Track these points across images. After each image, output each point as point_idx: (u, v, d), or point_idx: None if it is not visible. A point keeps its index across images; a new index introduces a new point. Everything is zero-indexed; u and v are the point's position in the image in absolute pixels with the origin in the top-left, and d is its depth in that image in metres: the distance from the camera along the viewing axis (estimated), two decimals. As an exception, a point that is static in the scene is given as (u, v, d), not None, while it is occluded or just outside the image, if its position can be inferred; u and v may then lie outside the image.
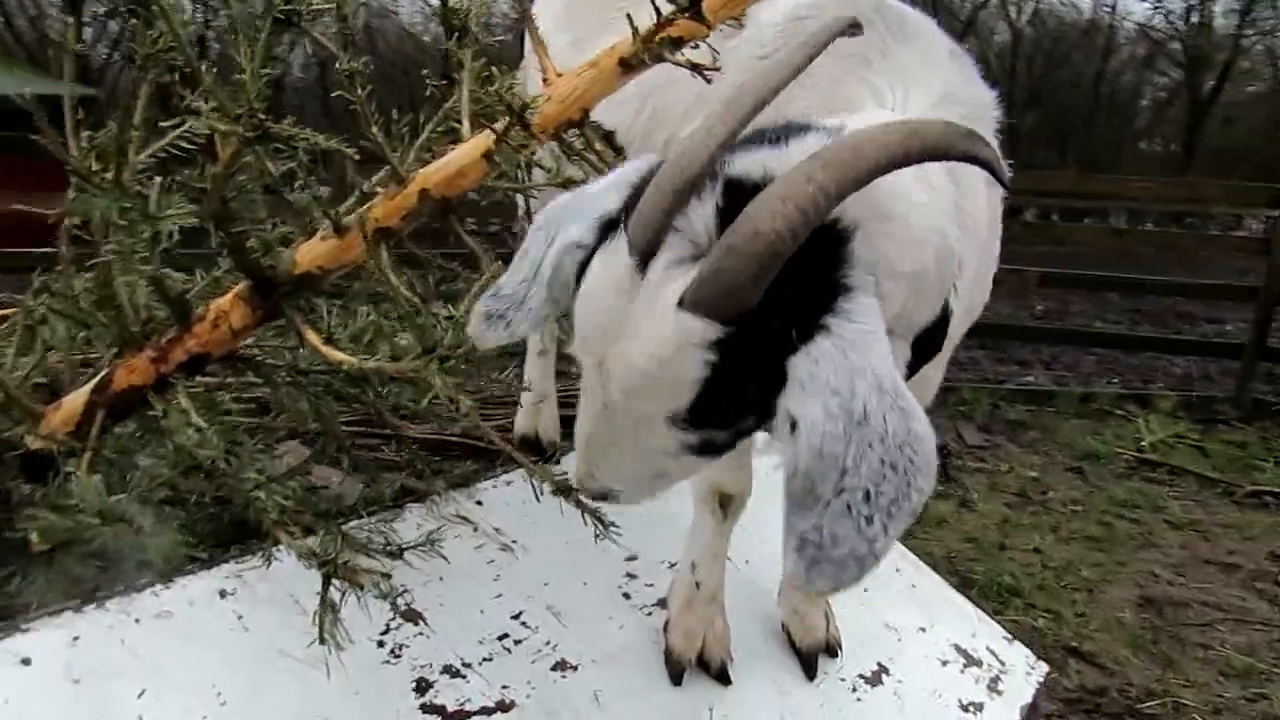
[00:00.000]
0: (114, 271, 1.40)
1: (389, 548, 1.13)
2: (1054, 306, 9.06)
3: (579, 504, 1.16)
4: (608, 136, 1.22)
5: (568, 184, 1.19)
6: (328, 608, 1.00)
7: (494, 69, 1.28)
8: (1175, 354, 7.51)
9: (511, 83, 1.23)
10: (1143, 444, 5.78)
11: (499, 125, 1.10)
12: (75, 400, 1.36)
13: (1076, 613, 3.70)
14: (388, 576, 1.03)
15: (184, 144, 1.39)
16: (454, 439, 1.62)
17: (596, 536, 1.54)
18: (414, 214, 1.22)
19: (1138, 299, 9.83)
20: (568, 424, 2.07)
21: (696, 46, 1.12)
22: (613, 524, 1.17)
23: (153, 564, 1.07)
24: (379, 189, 1.25)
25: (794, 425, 0.82)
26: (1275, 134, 17.31)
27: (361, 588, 1.00)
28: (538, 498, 1.31)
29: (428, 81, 1.34)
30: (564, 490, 1.17)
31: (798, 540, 0.82)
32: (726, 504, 1.39)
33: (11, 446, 1.36)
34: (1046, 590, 3.88)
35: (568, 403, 2.05)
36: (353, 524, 1.29)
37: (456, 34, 1.28)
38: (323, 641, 0.98)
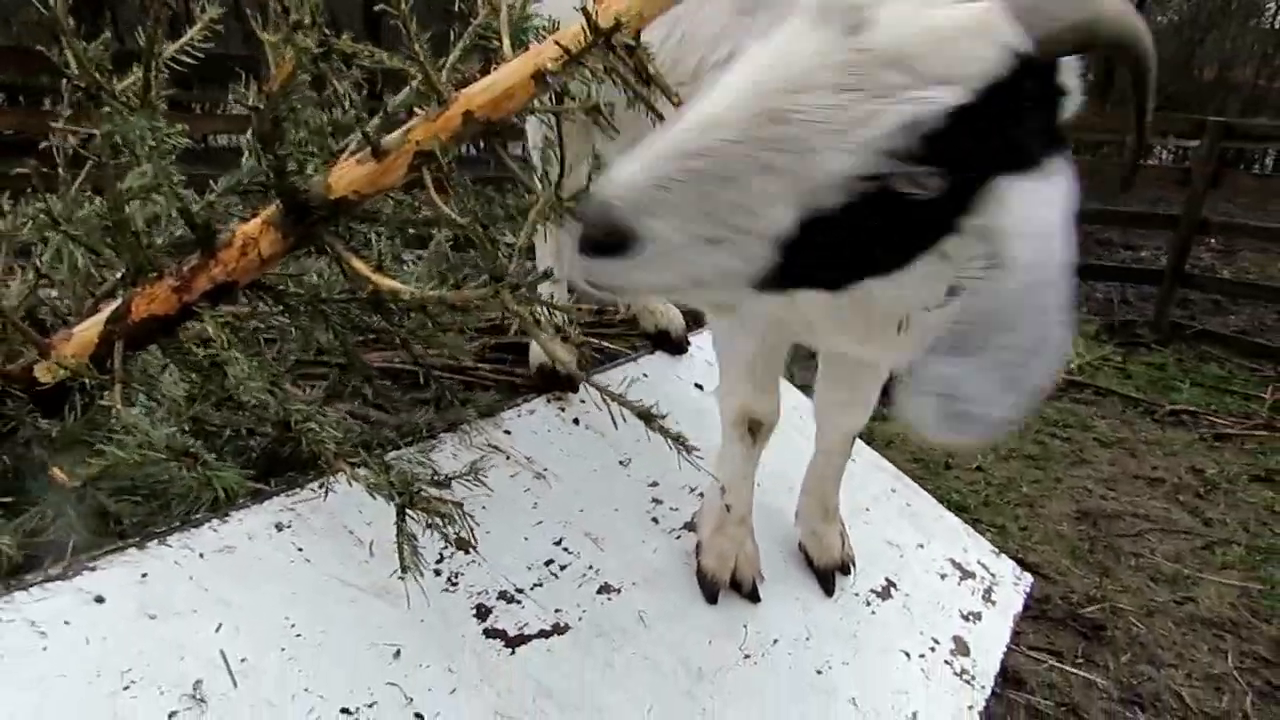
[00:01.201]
0: (132, 194, 1.32)
1: (436, 478, 1.13)
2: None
3: (662, 431, 1.15)
4: (639, 54, 1.19)
5: (596, 110, 1.16)
6: (406, 537, 1.00)
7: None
8: (1098, 280, 7.82)
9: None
10: (1071, 366, 6.05)
11: (570, 41, 1.05)
12: (88, 331, 1.29)
13: (1020, 526, 3.92)
14: (460, 505, 1.03)
15: (186, 61, 1.30)
16: (470, 368, 1.60)
17: (620, 463, 1.57)
18: (458, 136, 1.17)
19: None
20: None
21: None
22: (682, 439, 1.13)
23: (217, 497, 1.05)
24: (417, 110, 1.19)
25: (995, 260, 0.77)
26: (1187, 65, 17.85)
27: (441, 518, 1.00)
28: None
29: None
30: (646, 417, 1.16)
31: (941, 385, 0.78)
32: (756, 429, 1.43)
33: (15, 380, 1.29)
34: (991, 506, 4.10)
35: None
36: (392, 455, 1.28)
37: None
38: (404, 571, 0.98)
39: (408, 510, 1.02)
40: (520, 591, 1.23)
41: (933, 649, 1.54)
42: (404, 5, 1.15)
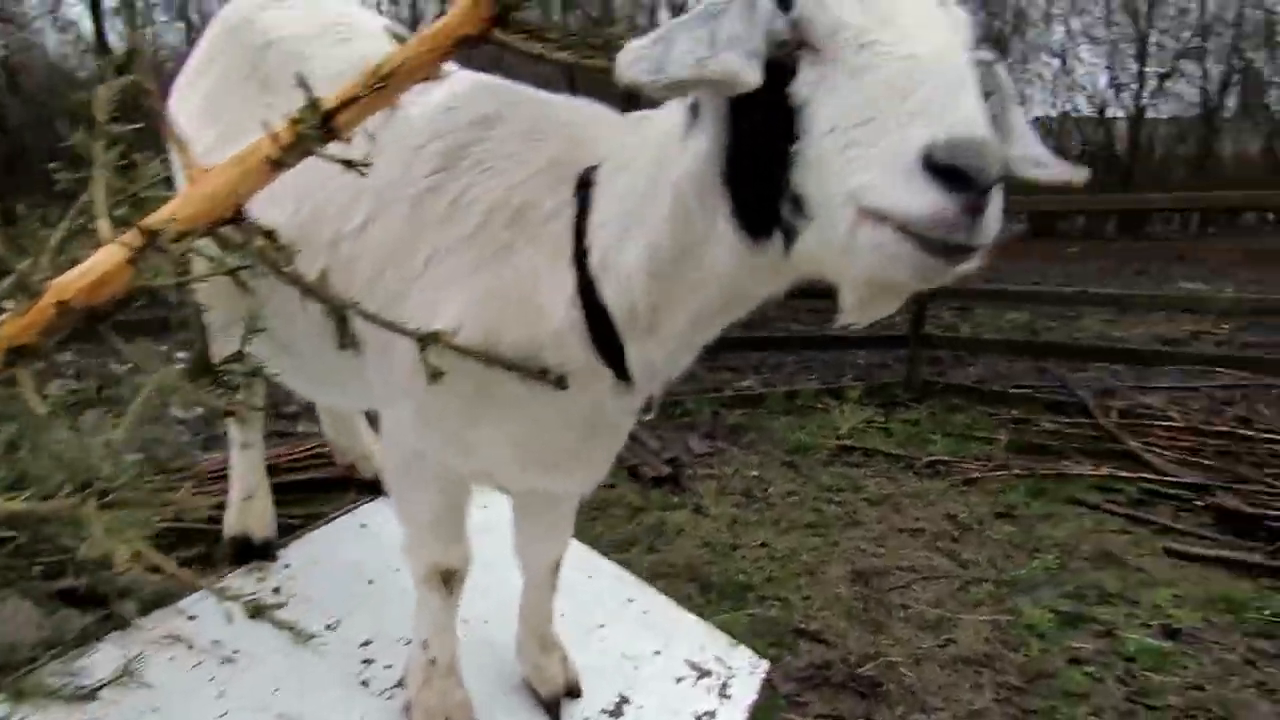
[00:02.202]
0: None
1: (80, 691, 1.02)
2: (754, 316, 9.93)
3: (275, 623, 1.10)
4: (268, 234, 1.20)
5: (234, 274, 1.15)
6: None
7: (134, 156, 1.20)
8: (858, 348, 8.52)
9: (154, 177, 1.17)
10: (840, 432, 6.50)
11: (149, 223, 1.03)
12: None
13: (802, 596, 4.10)
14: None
15: None
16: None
17: (328, 627, 1.52)
18: (53, 329, 1.11)
19: (825, 300, 11.04)
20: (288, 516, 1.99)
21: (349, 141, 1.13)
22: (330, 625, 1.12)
23: None
24: (5, 304, 1.12)
25: None
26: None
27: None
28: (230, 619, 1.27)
29: (55, 175, 1.22)
30: (257, 611, 1.12)
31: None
32: (450, 579, 1.42)
33: None
34: (774, 580, 4.26)
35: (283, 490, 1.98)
36: (39, 668, 1.16)
37: (84, 124, 1.19)
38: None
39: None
40: (194, 796, 1.14)
41: (665, 757, 1.56)
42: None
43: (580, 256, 1.23)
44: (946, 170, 0.80)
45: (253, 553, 1.58)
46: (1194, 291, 10.19)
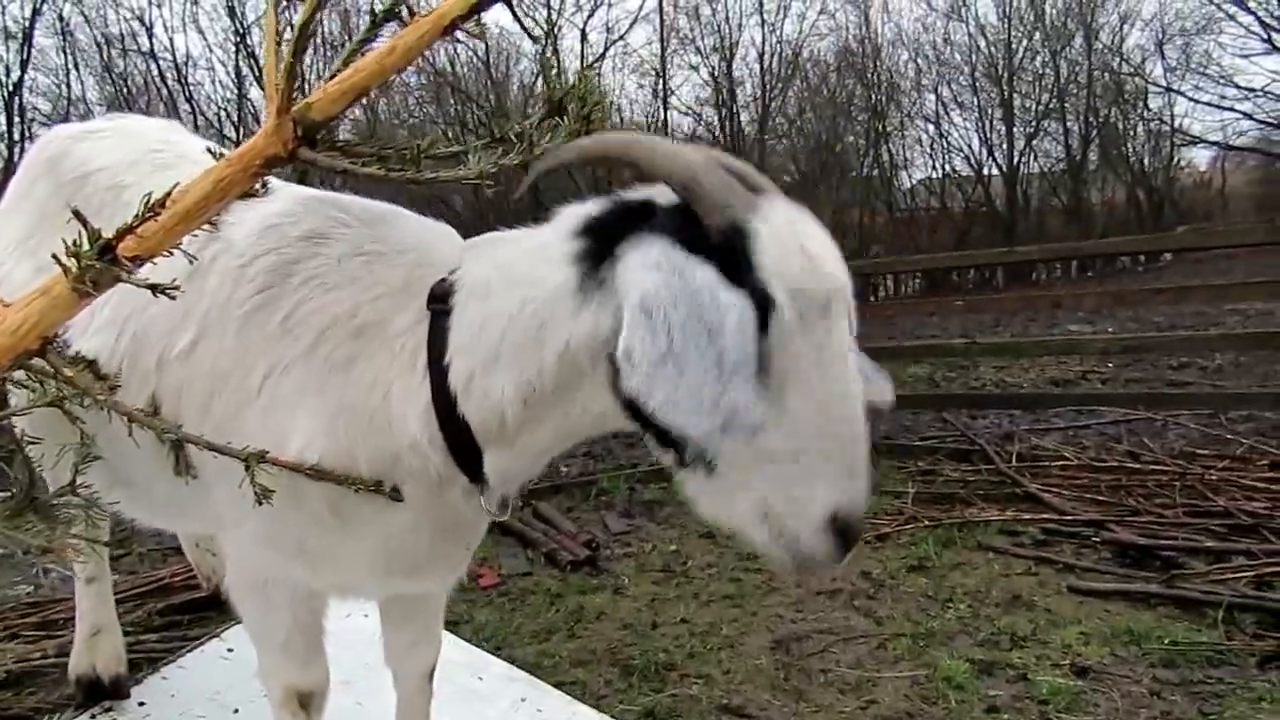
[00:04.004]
0: None
1: None
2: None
3: None
4: (89, 364, 1.17)
5: (59, 405, 1.11)
6: None
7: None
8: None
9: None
10: (755, 499, 6.53)
11: None
12: None
13: (723, 670, 4.06)
14: None
15: None
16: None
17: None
18: None
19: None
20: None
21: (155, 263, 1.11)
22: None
23: None
24: None
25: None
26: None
27: None
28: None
29: None
30: None
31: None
32: (307, 702, 1.36)
33: None
34: (696, 657, 4.21)
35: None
36: None
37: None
38: None
39: None
40: None
41: None
42: None
43: (436, 374, 1.24)
44: (842, 529, 0.98)
45: (102, 693, 1.48)
46: (1075, 334, 10.74)
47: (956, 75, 24.49)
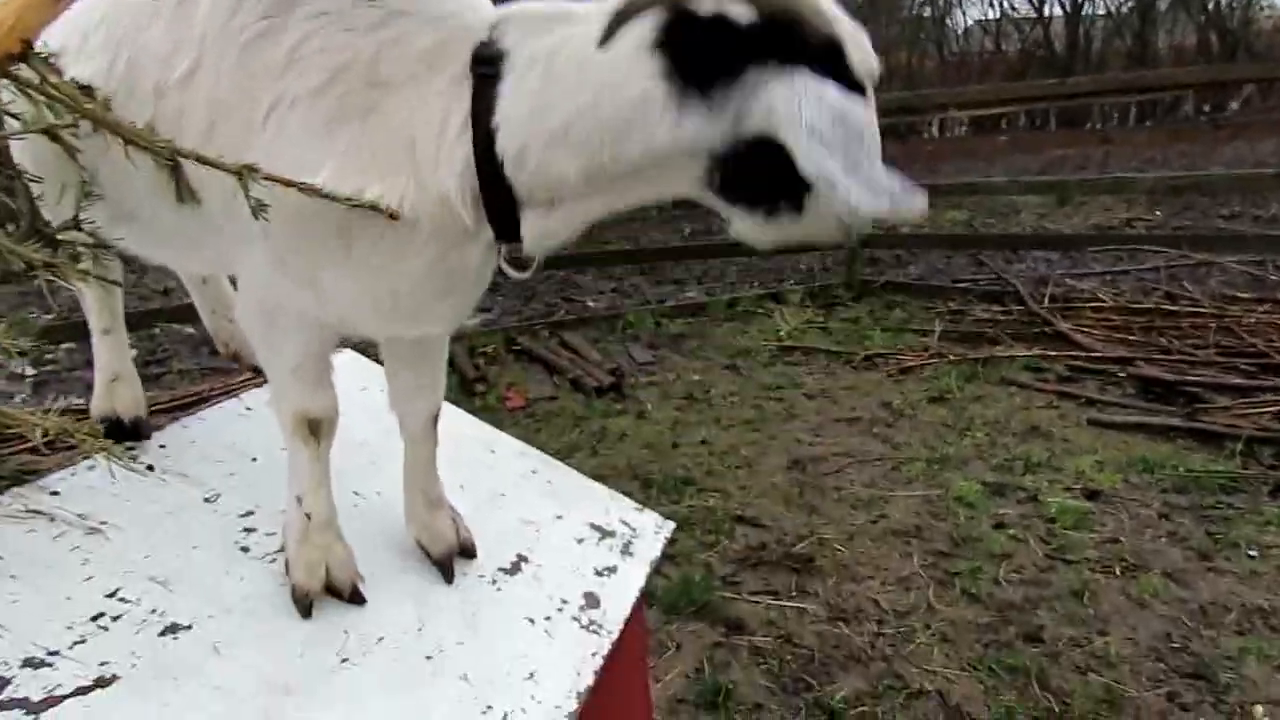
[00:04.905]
0: None
1: None
2: (699, 227, 9.87)
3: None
4: (86, 89, 1.13)
5: (51, 131, 1.07)
6: None
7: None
8: (798, 252, 8.52)
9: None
10: (780, 334, 6.54)
11: None
12: None
13: (739, 486, 4.16)
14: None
15: None
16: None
17: (205, 500, 1.49)
18: None
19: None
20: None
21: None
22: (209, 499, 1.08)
23: None
24: None
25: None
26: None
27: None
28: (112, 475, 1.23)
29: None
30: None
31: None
32: (317, 429, 1.40)
33: None
34: (714, 474, 4.32)
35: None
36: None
37: None
38: None
39: None
40: (53, 654, 1.12)
41: (560, 609, 1.57)
42: None
43: (481, 134, 1.21)
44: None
45: (124, 433, 1.54)
46: (1121, 177, 10.30)
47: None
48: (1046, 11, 23.26)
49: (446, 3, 1.28)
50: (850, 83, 1.10)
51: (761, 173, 1.13)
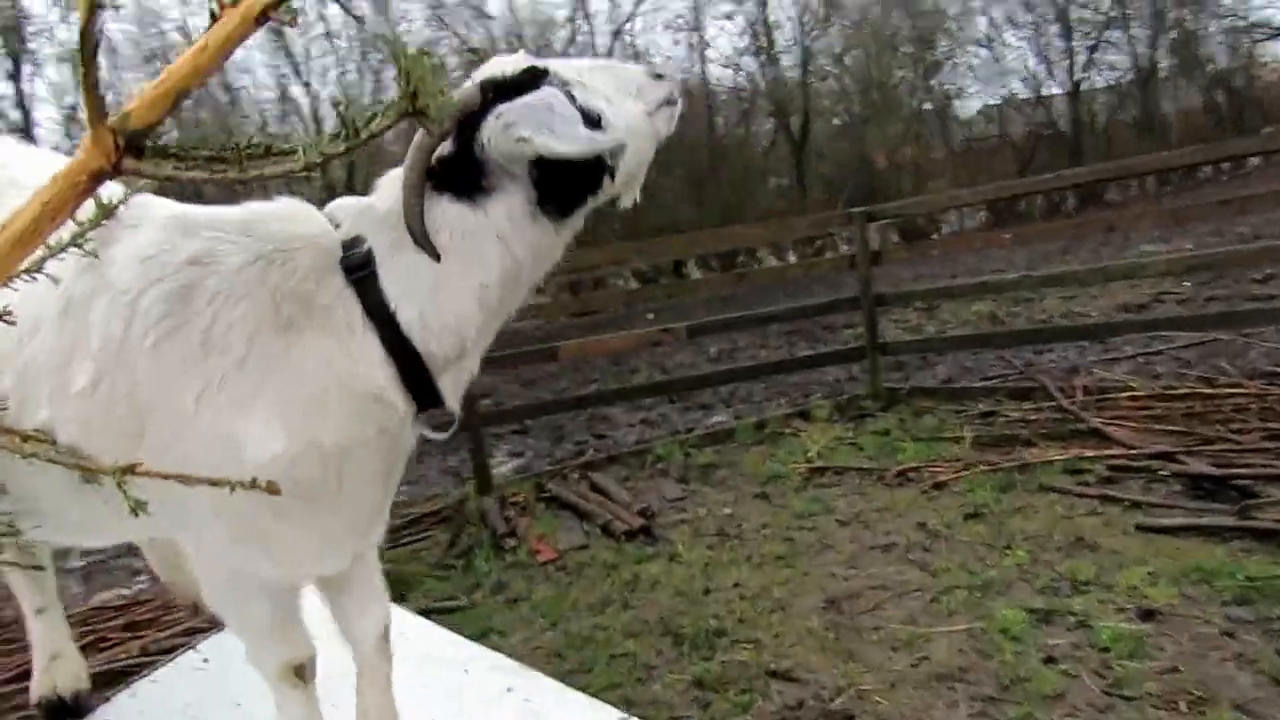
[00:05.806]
0: None
1: None
2: (725, 347, 9.90)
3: None
4: None
5: None
6: None
7: None
8: (826, 365, 8.45)
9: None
10: (810, 454, 6.42)
11: None
12: None
13: (773, 634, 4.00)
14: None
15: None
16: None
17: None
18: None
19: (794, 323, 10.93)
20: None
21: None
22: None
23: None
24: None
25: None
26: (862, 157, 20.45)
27: None
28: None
29: None
30: None
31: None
32: (302, 672, 1.40)
33: None
34: (746, 622, 4.16)
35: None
36: None
37: None
38: None
39: None
40: None
41: None
42: None
43: (383, 325, 1.32)
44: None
45: (67, 711, 1.51)
46: (1144, 254, 10.19)
47: (1005, -9, 23.26)
48: (1045, 91, 23.67)
49: (295, 225, 1.41)
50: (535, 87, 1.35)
51: (561, 177, 1.36)
